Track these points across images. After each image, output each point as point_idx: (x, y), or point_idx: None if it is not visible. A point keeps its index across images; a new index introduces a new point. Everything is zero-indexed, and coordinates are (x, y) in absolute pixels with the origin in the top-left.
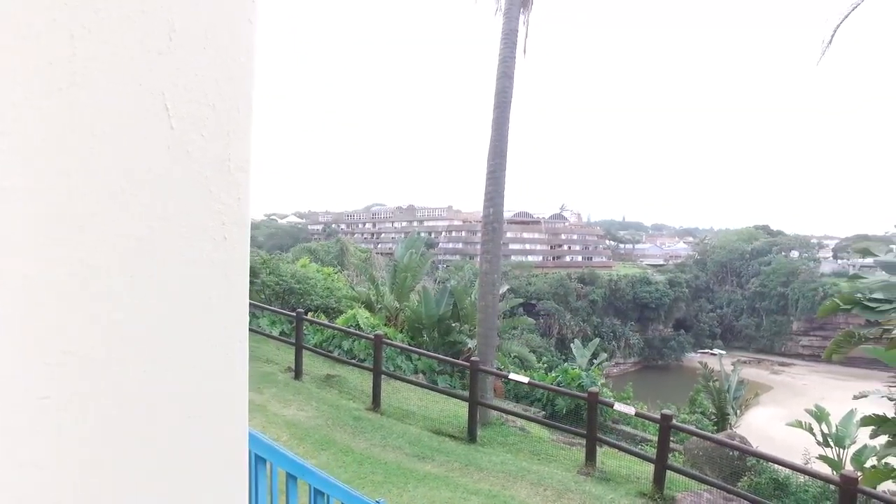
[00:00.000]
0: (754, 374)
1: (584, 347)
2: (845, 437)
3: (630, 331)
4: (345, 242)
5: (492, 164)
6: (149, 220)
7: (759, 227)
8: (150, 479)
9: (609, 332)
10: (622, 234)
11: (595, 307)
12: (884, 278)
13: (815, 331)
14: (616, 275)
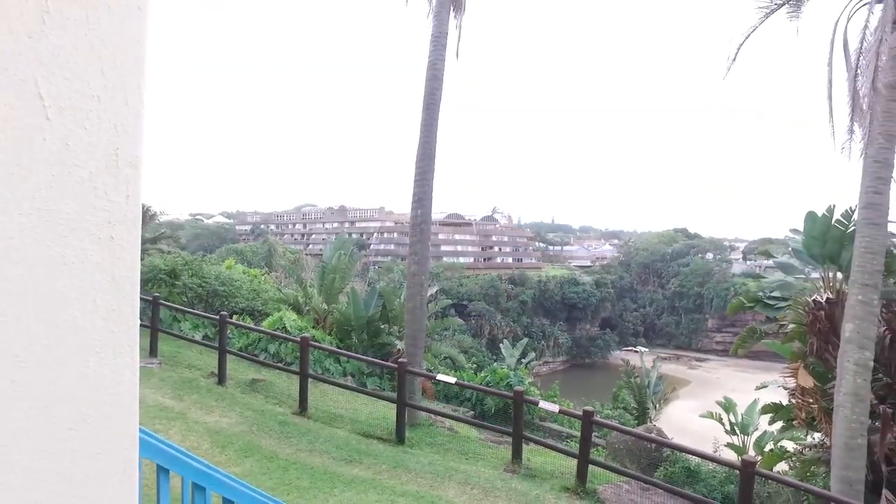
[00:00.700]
0: (673, 370)
1: (513, 347)
2: (749, 425)
3: (559, 330)
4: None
5: (420, 166)
6: (19, 218)
7: (679, 230)
8: (25, 489)
9: (538, 331)
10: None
11: (525, 308)
12: (781, 278)
13: (727, 327)
14: (545, 276)
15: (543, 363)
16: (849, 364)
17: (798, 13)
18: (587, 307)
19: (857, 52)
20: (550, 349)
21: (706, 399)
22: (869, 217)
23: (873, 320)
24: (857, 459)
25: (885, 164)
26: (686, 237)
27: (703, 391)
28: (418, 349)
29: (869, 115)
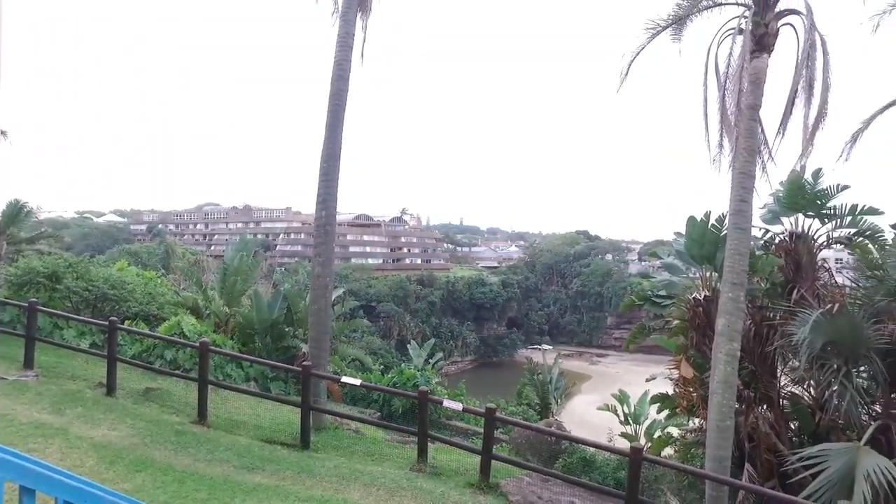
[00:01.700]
0: (576, 366)
1: (421, 348)
2: (640, 415)
3: (467, 330)
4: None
5: (325, 167)
6: None
7: (581, 232)
8: None
9: (447, 332)
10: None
11: (434, 308)
12: (667, 278)
13: (624, 325)
14: (454, 277)
15: (452, 363)
16: (720, 355)
17: (679, 36)
18: (494, 307)
19: (725, 75)
20: (459, 349)
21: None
22: (736, 222)
23: (741, 315)
24: (727, 439)
25: (749, 175)
26: (587, 239)
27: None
28: (323, 352)
29: (735, 133)
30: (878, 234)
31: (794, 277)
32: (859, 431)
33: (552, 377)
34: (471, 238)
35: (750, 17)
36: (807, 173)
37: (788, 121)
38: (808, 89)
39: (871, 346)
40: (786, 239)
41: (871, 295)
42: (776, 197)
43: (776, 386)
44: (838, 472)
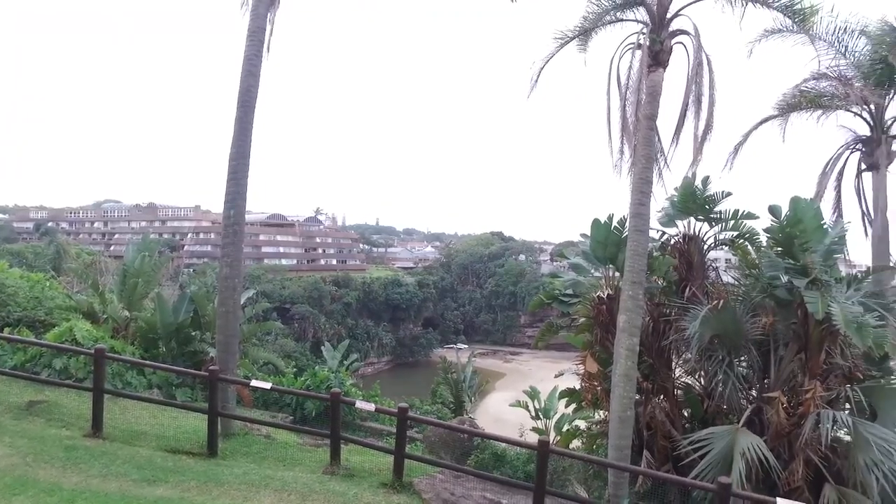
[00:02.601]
0: (491, 364)
1: (335, 349)
2: (550, 410)
3: (383, 331)
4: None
5: (234, 165)
6: None
7: (495, 233)
8: None
9: (363, 333)
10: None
11: (350, 309)
12: (573, 277)
13: (537, 323)
14: (370, 277)
15: (368, 364)
16: (621, 349)
17: (585, 47)
18: (410, 307)
19: (626, 86)
20: (375, 350)
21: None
22: (636, 225)
23: (640, 312)
24: (627, 429)
25: (647, 181)
26: (502, 240)
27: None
28: (231, 355)
29: (634, 140)
30: (755, 237)
31: (687, 276)
32: (738, 414)
33: (466, 376)
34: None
35: (647, 34)
36: (698, 180)
37: (681, 131)
38: (697, 103)
39: (749, 337)
40: (680, 241)
41: (748, 292)
42: (671, 201)
43: (671, 377)
44: (720, 452)
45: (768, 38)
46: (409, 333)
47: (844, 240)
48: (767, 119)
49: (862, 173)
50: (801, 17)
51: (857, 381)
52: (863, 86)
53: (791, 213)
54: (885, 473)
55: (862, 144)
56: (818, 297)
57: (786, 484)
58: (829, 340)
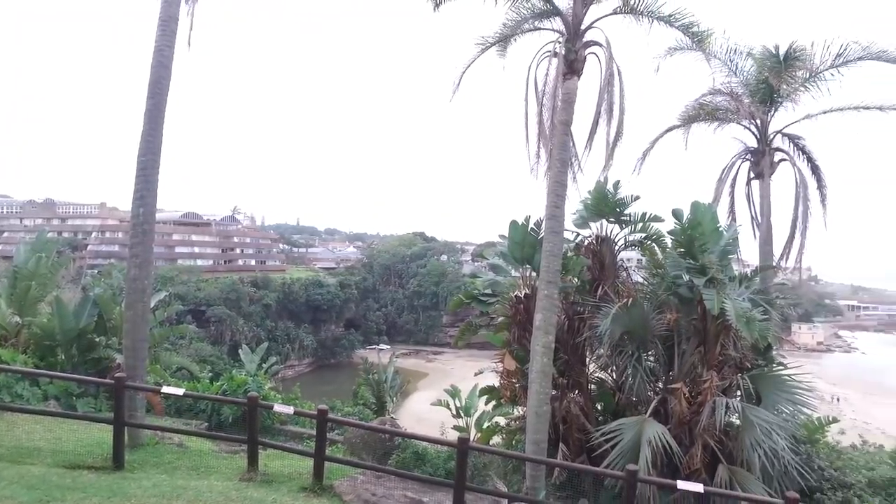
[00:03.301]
0: (414, 364)
1: (253, 353)
2: (471, 407)
3: (304, 333)
4: None
5: (143, 161)
6: None
7: (417, 233)
8: None
9: (283, 335)
10: (296, 238)
11: (269, 311)
12: (492, 277)
13: (459, 323)
14: (290, 278)
15: (288, 367)
16: (538, 347)
17: (504, 53)
18: (332, 308)
19: (542, 92)
20: (296, 352)
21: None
22: (551, 227)
23: (555, 310)
24: (543, 423)
25: (562, 184)
26: (424, 240)
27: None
28: (140, 361)
29: (550, 145)
30: (661, 238)
31: (600, 276)
32: (646, 406)
33: (387, 376)
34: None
35: (563, 44)
36: (610, 184)
37: (594, 137)
38: (609, 111)
39: (655, 333)
40: (593, 242)
41: (655, 290)
42: (585, 204)
43: (586, 372)
44: (630, 441)
45: (672, 54)
46: (331, 335)
47: (737, 241)
48: (672, 128)
49: (751, 181)
50: (698, 37)
51: (746, 371)
52: (750, 102)
53: (692, 216)
54: (766, 451)
55: (750, 155)
56: (714, 294)
57: (686, 467)
58: (724, 334)
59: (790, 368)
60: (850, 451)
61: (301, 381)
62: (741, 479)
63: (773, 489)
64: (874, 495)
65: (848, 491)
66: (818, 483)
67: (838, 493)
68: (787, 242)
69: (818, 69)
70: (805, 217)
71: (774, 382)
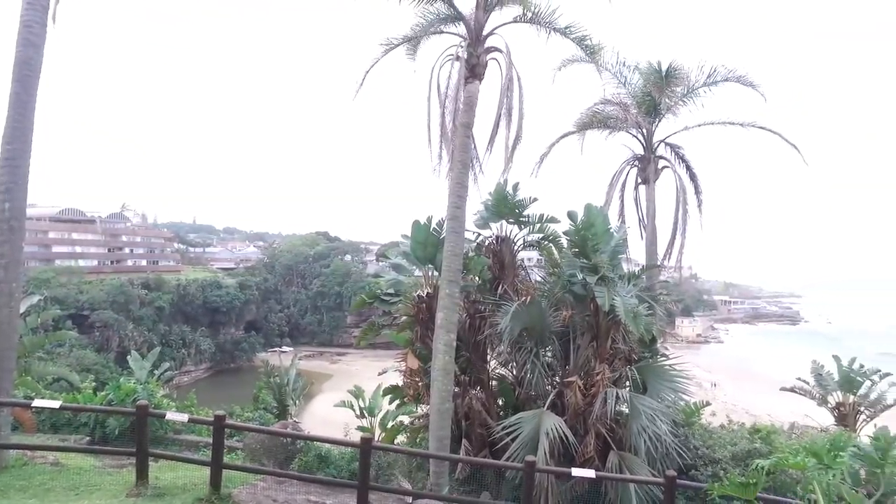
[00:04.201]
0: (318, 366)
1: (144, 359)
2: (375, 407)
3: (201, 336)
4: None
5: (10, 150)
6: None
7: (321, 233)
8: None
9: (178, 339)
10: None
11: (162, 314)
12: (395, 277)
13: (363, 323)
14: (185, 279)
15: (185, 373)
16: (440, 345)
17: (414, 55)
18: (231, 310)
19: (445, 94)
20: (192, 357)
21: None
22: (452, 227)
23: (456, 309)
24: (446, 420)
25: (463, 185)
26: (328, 240)
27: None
28: (6, 373)
29: (452, 146)
30: (558, 239)
31: (500, 275)
32: (544, 399)
33: (289, 378)
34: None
35: (465, 48)
36: (509, 186)
37: (495, 140)
38: (508, 115)
39: (552, 329)
40: (493, 242)
41: (552, 288)
42: (486, 205)
43: (487, 369)
44: (529, 434)
45: (568, 65)
46: (231, 338)
47: (626, 242)
48: (567, 134)
49: (638, 186)
50: (591, 50)
51: (634, 363)
52: (637, 112)
53: (585, 218)
54: (650, 436)
55: (638, 161)
56: (606, 292)
57: (581, 455)
58: (614, 329)
59: (672, 359)
60: (718, 431)
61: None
62: (629, 463)
63: (657, 469)
64: (735, 466)
65: (716, 465)
66: (693, 461)
67: (709, 468)
68: (669, 243)
69: (694, 86)
70: (684, 220)
71: (658, 373)
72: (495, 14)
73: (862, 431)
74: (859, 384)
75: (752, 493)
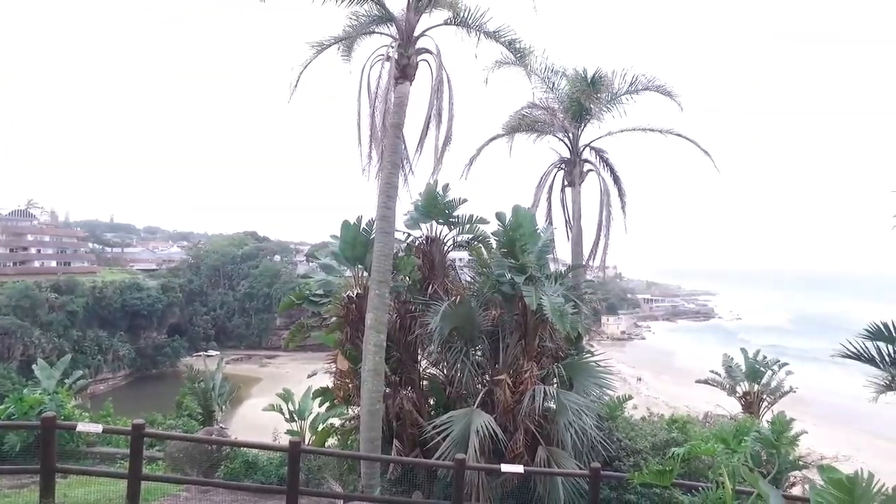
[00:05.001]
0: (246, 369)
1: (52, 367)
2: (305, 410)
3: (119, 341)
4: None
5: None
6: None
7: (249, 233)
8: None
9: (93, 345)
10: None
11: (76, 319)
12: (323, 277)
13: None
14: (101, 281)
15: (101, 380)
16: (370, 346)
17: (349, 56)
18: (153, 313)
19: (375, 95)
20: (109, 364)
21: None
22: (382, 227)
23: (386, 309)
24: (377, 421)
25: (393, 186)
26: (256, 240)
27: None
28: None
29: (382, 147)
30: (486, 239)
31: (430, 275)
32: (475, 397)
33: (215, 383)
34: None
35: (396, 49)
36: (439, 187)
37: (425, 141)
38: (438, 117)
39: (482, 328)
40: (423, 242)
41: (481, 288)
42: (416, 205)
43: (418, 369)
44: (459, 432)
45: (499, 68)
46: (152, 342)
47: (553, 242)
48: (496, 137)
49: (565, 188)
50: (521, 53)
51: (560, 360)
52: (564, 117)
53: (513, 219)
54: (576, 430)
55: (564, 164)
56: (533, 291)
57: (511, 451)
58: (542, 327)
59: (597, 356)
60: (640, 423)
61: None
62: (557, 458)
63: (583, 462)
64: (655, 456)
65: (638, 456)
66: (616, 453)
67: (631, 459)
68: (594, 243)
69: (617, 93)
70: (608, 221)
71: (584, 369)
72: (426, 16)
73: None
74: (762, 374)
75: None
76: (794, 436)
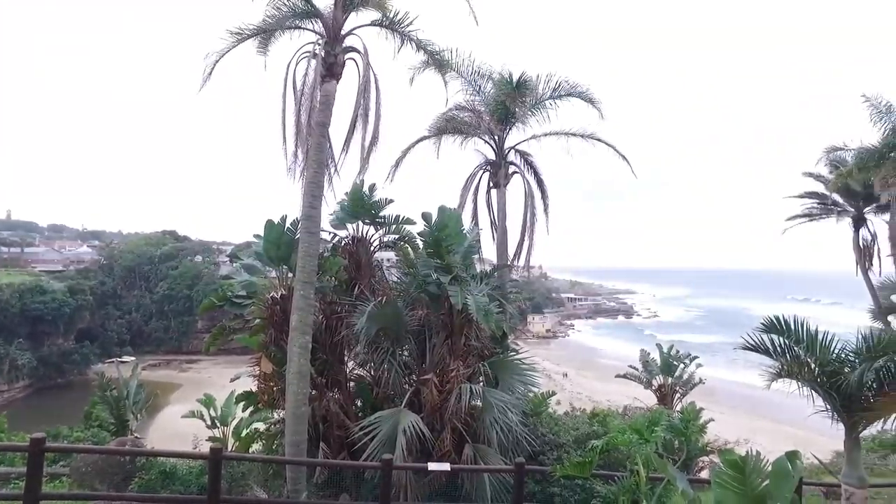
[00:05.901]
0: (165, 375)
1: None
2: (228, 416)
3: (18, 349)
4: None
5: None
6: None
7: (168, 232)
8: None
9: None
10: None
11: None
12: (246, 278)
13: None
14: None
15: None
16: (295, 348)
17: (265, 51)
18: (59, 318)
19: (301, 92)
20: (6, 374)
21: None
22: (307, 227)
23: (311, 310)
24: (302, 424)
25: (318, 185)
26: (175, 240)
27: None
28: None
29: (307, 145)
30: (413, 240)
31: (356, 275)
32: (402, 397)
33: (130, 391)
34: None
35: (322, 46)
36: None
37: (351, 140)
38: (365, 116)
39: (409, 328)
40: (349, 242)
41: (408, 288)
42: (342, 205)
43: (344, 370)
44: (387, 432)
45: (424, 70)
46: (58, 349)
47: (479, 243)
48: (423, 139)
49: (490, 189)
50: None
51: (486, 358)
52: (490, 120)
53: (439, 220)
54: (502, 427)
55: (490, 166)
56: (459, 291)
57: (438, 450)
58: (468, 326)
59: (522, 354)
60: (563, 418)
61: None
62: (483, 454)
63: (508, 458)
64: (577, 449)
65: (561, 449)
66: (541, 447)
67: (554, 453)
68: (518, 244)
69: (541, 98)
70: (532, 222)
71: (509, 367)
72: (354, 15)
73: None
74: (675, 367)
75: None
76: (702, 424)
